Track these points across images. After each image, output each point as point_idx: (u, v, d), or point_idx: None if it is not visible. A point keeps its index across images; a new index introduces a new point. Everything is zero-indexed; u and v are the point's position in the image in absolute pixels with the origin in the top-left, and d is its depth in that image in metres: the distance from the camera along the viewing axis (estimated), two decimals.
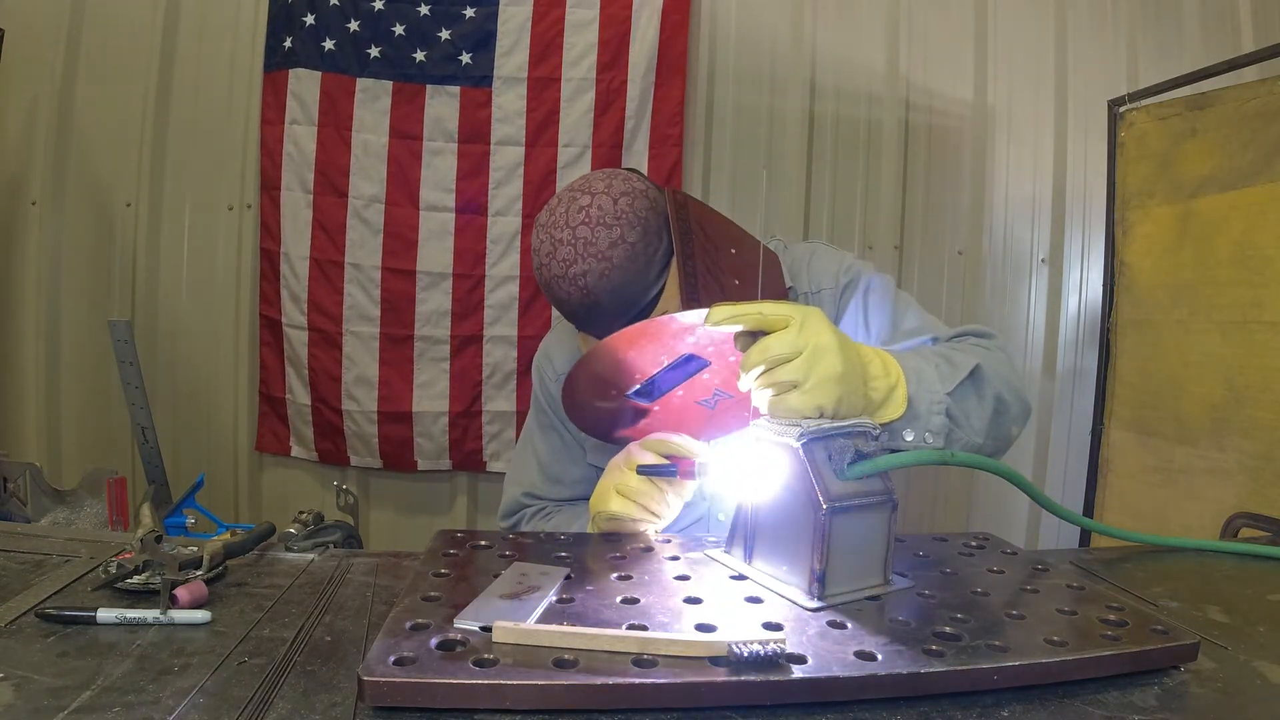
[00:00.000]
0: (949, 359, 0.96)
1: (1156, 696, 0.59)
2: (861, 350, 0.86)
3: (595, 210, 1.02)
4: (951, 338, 1.08)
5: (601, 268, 1.00)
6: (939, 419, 0.89)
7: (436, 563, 0.78)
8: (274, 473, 2.80)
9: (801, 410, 0.78)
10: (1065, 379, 2.90)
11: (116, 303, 2.67)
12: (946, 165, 2.84)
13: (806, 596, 0.70)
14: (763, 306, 0.79)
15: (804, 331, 0.80)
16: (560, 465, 1.22)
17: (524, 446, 1.28)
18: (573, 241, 1.01)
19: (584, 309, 1.03)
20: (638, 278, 1.02)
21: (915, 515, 2.84)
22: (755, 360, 0.79)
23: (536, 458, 1.25)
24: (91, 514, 2.00)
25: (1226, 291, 1.96)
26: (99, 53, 2.60)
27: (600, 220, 1.01)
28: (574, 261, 1.01)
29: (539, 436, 1.25)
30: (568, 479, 1.21)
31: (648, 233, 1.03)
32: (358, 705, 0.55)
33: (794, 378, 0.78)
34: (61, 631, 0.65)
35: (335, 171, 2.60)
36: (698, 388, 0.95)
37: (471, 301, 2.66)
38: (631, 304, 1.02)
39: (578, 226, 1.01)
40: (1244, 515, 1.22)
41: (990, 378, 0.96)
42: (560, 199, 1.06)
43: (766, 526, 0.78)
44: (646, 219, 1.04)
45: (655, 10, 2.60)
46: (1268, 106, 1.87)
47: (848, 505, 0.71)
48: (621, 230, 1.01)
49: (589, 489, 1.17)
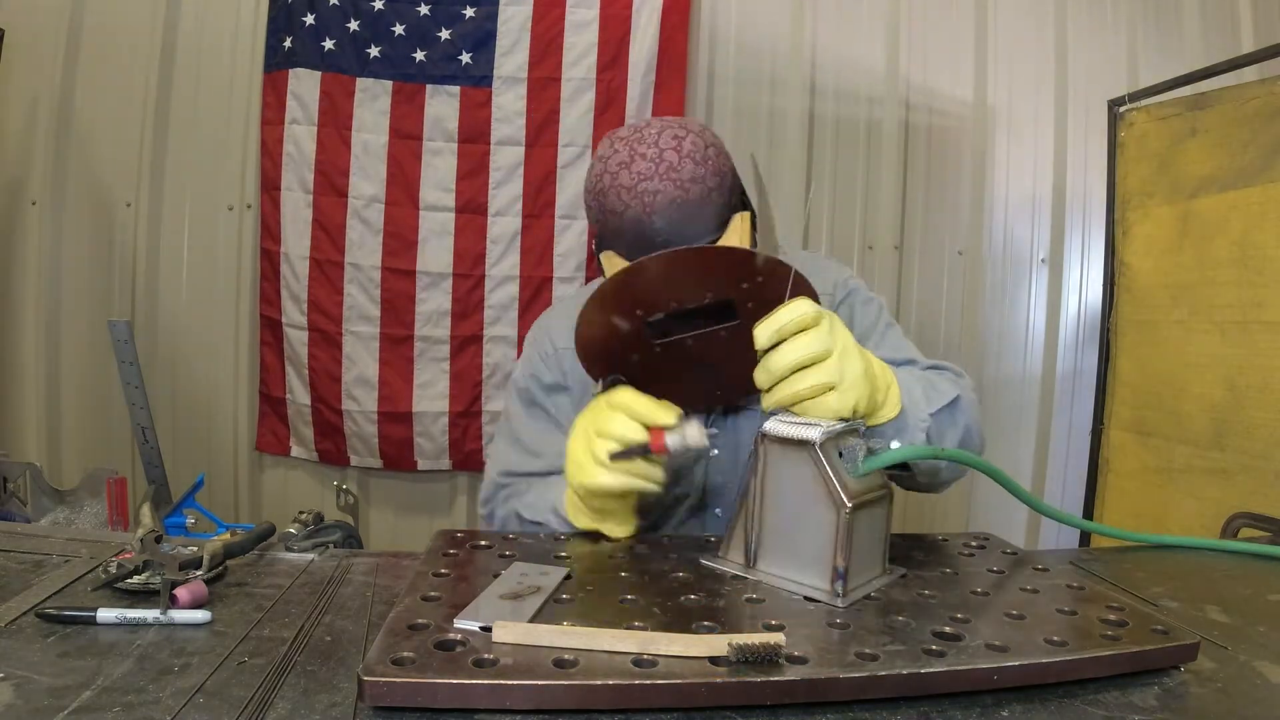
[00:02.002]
0: (933, 384, 0.98)
1: (1156, 696, 0.59)
2: (865, 352, 0.87)
3: (689, 144, 1.02)
4: (927, 368, 1.10)
5: (675, 194, 1.00)
6: (920, 435, 0.91)
7: (436, 563, 0.78)
8: (274, 473, 2.80)
9: (839, 410, 0.78)
10: (1065, 379, 2.90)
11: (116, 303, 2.67)
12: (946, 165, 2.84)
13: (830, 595, 0.71)
14: (801, 305, 0.79)
15: (834, 330, 0.80)
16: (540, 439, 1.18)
17: (501, 431, 1.24)
18: (656, 159, 1.00)
19: (635, 226, 1.01)
20: (700, 221, 1.01)
21: (915, 515, 2.84)
22: (790, 359, 0.78)
23: (515, 436, 1.20)
24: (91, 514, 2.00)
25: (1226, 291, 1.96)
26: (99, 53, 2.60)
27: (690, 155, 1.01)
28: (650, 178, 1.00)
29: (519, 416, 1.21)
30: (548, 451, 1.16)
31: (723, 187, 1.04)
32: (358, 705, 0.55)
33: (831, 378, 0.78)
34: (61, 631, 0.65)
35: (335, 171, 2.60)
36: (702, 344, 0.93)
37: (471, 301, 2.66)
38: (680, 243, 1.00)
39: (666, 150, 1.01)
40: (1244, 515, 1.22)
41: (965, 409, 0.99)
42: (650, 123, 1.06)
43: (775, 527, 0.77)
44: (725, 176, 1.05)
45: (655, 10, 2.60)
46: (1268, 106, 1.87)
47: (863, 502, 0.73)
48: (706, 171, 1.01)
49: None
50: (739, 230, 1.06)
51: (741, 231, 1.07)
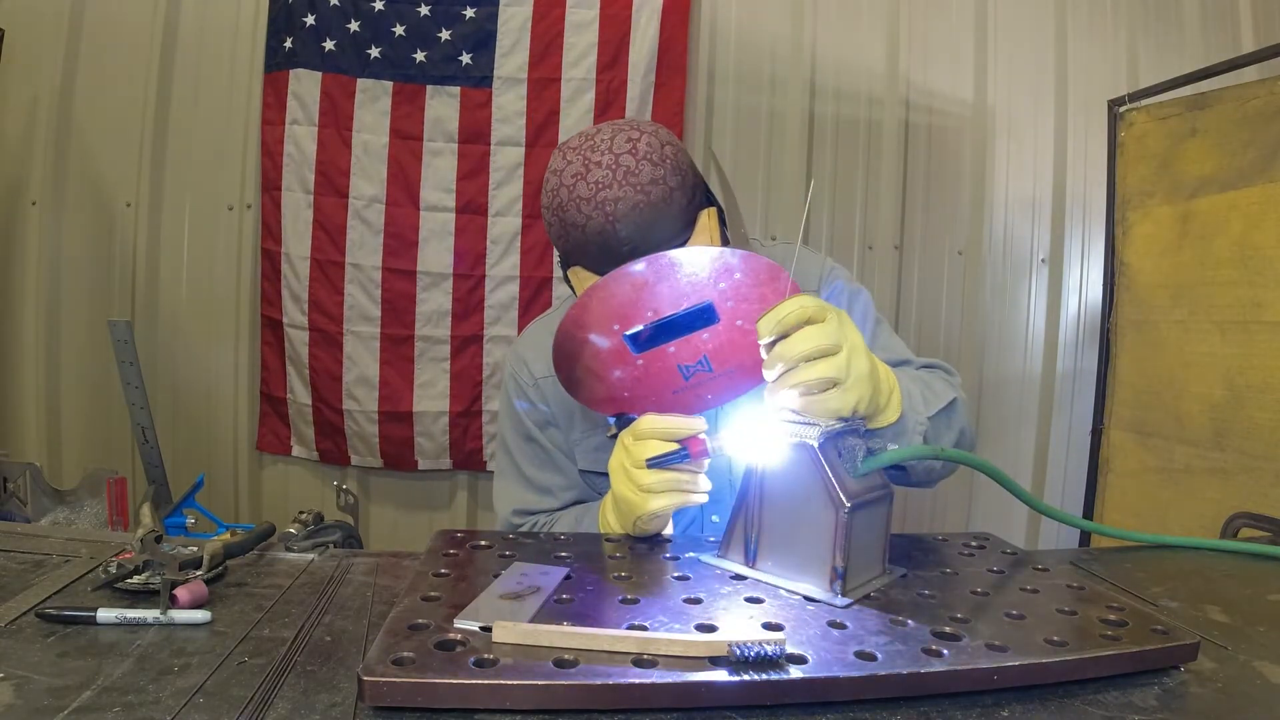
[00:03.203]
0: (930, 386, 0.97)
1: (1156, 696, 0.59)
2: (872, 354, 0.85)
3: (644, 145, 0.97)
4: (921, 367, 1.10)
5: (636, 199, 0.95)
6: (918, 438, 0.90)
7: (436, 563, 0.78)
8: (274, 472, 2.80)
9: (840, 409, 0.76)
10: (1065, 379, 2.90)
11: (116, 303, 2.67)
12: (946, 165, 2.84)
13: (829, 594, 0.71)
14: (804, 300, 0.77)
15: (844, 326, 0.78)
16: (546, 474, 1.16)
17: (504, 466, 1.21)
18: (613, 166, 0.96)
19: (599, 238, 0.96)
20: (665, 224, 0.97)
21: (915, 515, 2.84)
22: (801, 348, 0.75)
23: (520, 471, 1.18)
24: (91, 514, 2.00)
25: (1226, 291, 1.96)
26: (99, 53, 2.60)
27: (647, 156, 0.97)
28: (608, 186, 0.95)
29: (519, 449, 1.19)
30: (556, 487, 1.15)
31: (685, 186, 0.99)
32: (358, 705, 0.55)
33: (836, 374, 0.75)
34: (61, 631, 0.65)
35: (335, 172, 2.60)
36: (685, 350, 0.91)
37: (472, 301, 2.66)
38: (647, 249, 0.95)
39: (621, 155, 0.96)
40: (1244, 515, 1.22)
41: (960, 412, 0.99)
42: (600, 129, 1.01)
43: (774, 528, 0.77)
44: (686, 174, 1.01)
45: (655, 10, 2.60)
46: (1268, 106, 1.87)
47: (862, 502, 0.73)
48: (665, 171, 0.97)
49: (579, 494, 1.14)
50: (707, 228, 1.02)
51: (710, 229, 1.03)
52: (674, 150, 1.01)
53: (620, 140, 0.98)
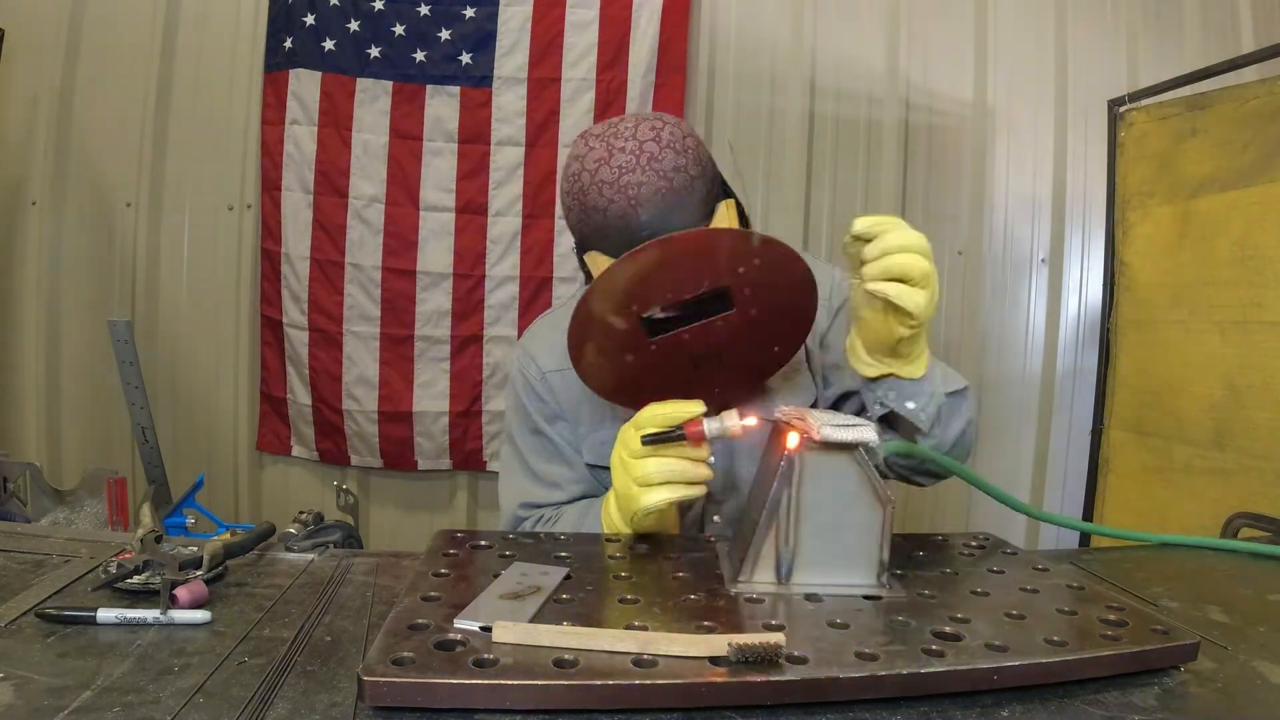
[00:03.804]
0: (947, 370, 1.00)
1: (1156, 696, 0.59)
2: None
3: (668, 134, 1.00)
4: None
5: (659, 185, 0.97)
6: (933, 409, 0.94)
7: (436, 563, 0.78)
8: (274, 472, 2.80)
9: (927, 306, 0.83)
10: (1065, 379, 2.90)
11: (116, 303, 2.67)
12: (946, 165, 2.84)
13: (880, 588, 0.73)
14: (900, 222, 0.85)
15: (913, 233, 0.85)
16: (553, 468, 1.16)
17: (509, 460, 1.21)
18: (636, 152, 0.98)
19: (620, 221, 0.98)
20: (686, 211, 0.99)
21: (915, 515, 2.84)
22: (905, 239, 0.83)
23: (526, 465, 1.18)
24: (91, 514, 2.00)
25: (1226, 291, 1.96)
26: (99, 53, 2.60)
27: (670, 144, 0.99)
28: (631, 170, 0.97)
29: (526, 443, 1.18)
30: (563, 480, 1.15)
31: (705, 175, 1.02)
32: (358, 705, 0.55)
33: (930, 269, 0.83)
34: (61, 631, 0.65)
35: (335, 172, 2.60)
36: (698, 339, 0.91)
37: (472, 301, 2.66)
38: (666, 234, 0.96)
39: (646, 142, 0.99)
40: (1244, 515, 1.22)
41: (970, 402, 1.02)
42: (624, 118, 1.03)
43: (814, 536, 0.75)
44: (707, 165, 1.03)
45: (655, 10, 2.60)
46: (1268, 106, 1.87)
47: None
48: (687, 160, 1.00)
49: (586, 487, 1.14)
50: (726, 218, 1.05)
51: (730, 219, 1.06)
52: (695, 142, 1.03)
53: (644, 128, 1.00)
